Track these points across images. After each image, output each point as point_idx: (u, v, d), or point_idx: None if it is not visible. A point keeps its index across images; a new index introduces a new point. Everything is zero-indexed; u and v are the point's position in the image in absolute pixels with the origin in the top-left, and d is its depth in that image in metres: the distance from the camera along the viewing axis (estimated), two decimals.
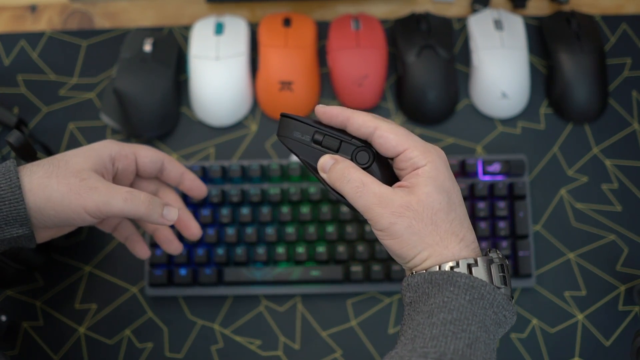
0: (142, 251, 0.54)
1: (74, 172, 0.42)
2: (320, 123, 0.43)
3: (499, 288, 0.39)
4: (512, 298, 0.41)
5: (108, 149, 0.46)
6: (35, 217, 0.43)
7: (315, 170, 0.43)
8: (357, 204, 0.41)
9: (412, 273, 0.41)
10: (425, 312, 0.38)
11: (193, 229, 0.53)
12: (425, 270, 0.40)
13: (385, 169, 0.43)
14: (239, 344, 0.62)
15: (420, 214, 0.40)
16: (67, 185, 0.42)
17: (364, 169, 0.42)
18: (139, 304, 0.63)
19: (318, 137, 0.43)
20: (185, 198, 0.62)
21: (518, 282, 0.62)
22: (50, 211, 0.42)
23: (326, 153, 0.43)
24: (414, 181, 0.40)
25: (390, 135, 0.41)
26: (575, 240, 0.64)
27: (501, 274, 0.40)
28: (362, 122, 0.41)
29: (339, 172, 0.41)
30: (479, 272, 0.39)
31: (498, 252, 0.42)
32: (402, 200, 0.40)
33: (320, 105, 0.43)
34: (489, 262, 0.40)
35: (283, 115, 0.44)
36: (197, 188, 0.53)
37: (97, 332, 0.62)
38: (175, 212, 0.47)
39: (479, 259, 0.40)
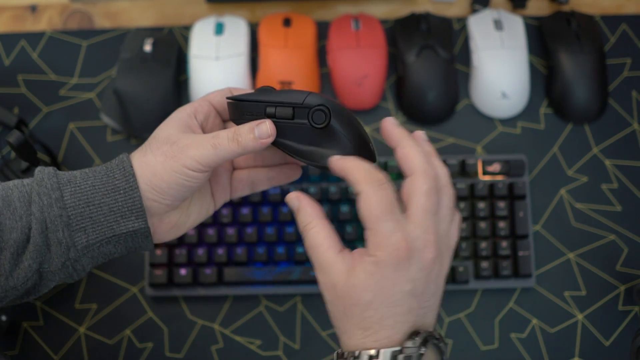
0: (294, 171, 0.48)
1: (163, 140, 0.43)
2: (263, 93, 0.43)
3: None
4: None
5: (184, 109, 0.45)
6: (151, 200, 0.42)
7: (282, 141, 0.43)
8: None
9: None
10: None
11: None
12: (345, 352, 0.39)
13: (348, 126, 0.42)
14: (239, 344, 0.62)
15: (336, 299, 0.39)
16: (162, 154, 0.42)
17: (322, 128, 0.41)
18: (139, 304, 0.63)
19: (270, 110, 0.42)
20: None
21: (518, 282, 0.62)
22: (162, 184, 0.42)
23: (284, 124, 0.42)
24: (358, 257, 0.39)
25: (366, 207, 0.38)
26: (575, 240, 0.64)
27: None
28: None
29: (299, 221, 0.42)
30: None
31: (434, 338, 0.39)
32: (332, 278, 0.39)
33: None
34: (396, 354, 0.37)
35: (229, 99, 0.44)
36: None
37: (97, 332, 0.62)
38: (266, 125, 0.42)
39: (381, 350, 0.37)
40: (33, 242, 0.40)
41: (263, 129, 0.42)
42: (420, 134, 0.43)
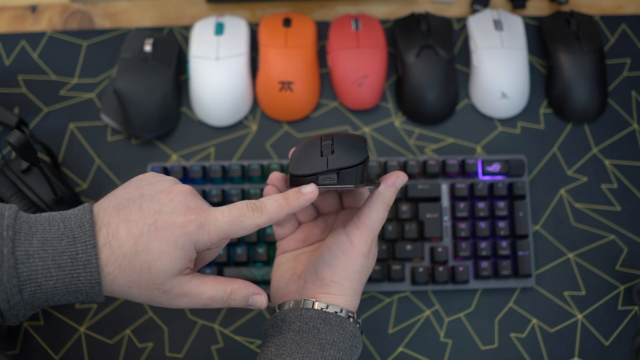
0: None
1: (156, 284, 0.40)
2: (304, 162, 0.44)
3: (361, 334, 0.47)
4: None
5: (195, 244, 0.41)
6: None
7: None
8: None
9: (301, 306, 0.46)
10: (316, 345, 0.44)
11: None
12: (320, 308, 0.45)
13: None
14: (239, 344, 0.62)
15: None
16: (149, 296, 0.41)
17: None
18: (139, 303, 0.63)
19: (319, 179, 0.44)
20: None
21: (518, 282, 0.62)
22: (137, 298, 0.42)
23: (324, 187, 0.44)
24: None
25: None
26: (574, 240, 0.64)
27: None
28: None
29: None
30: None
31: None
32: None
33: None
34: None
35: (292, 176, 0.45)
36: None
37: (97, 332, 0.62)
38: (263, 300, 0.44)
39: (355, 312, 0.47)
40: None
41: (258, 301, 0.45)
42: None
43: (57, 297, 0.40)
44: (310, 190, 0.43)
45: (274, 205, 0.42)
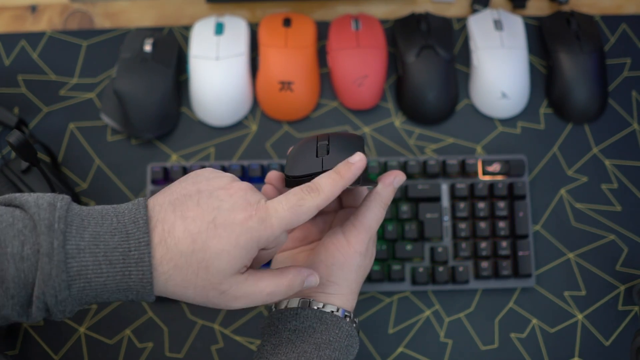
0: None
1: (214, 283, 0.39)
2: (298, 165, 0.44)
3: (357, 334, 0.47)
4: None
5: (258, 241, 0.40)
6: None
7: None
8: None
9: (298, 306, 0.45)
10: (312, 344, 0.44)
11: None
12: (316, 308, 0.45)
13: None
14: (239, 344, 0.62)
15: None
16: (205, 297, 0.40)
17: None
18: (139, 303, 0.63)
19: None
20: None
21: (518, 282, 0.62)
22: (189, 298, 0.41)
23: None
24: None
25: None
26: (575, 240, 0.64)
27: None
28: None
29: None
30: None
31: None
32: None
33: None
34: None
35: (288, 177, 0.45)
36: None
37: (97, 332, 0.62)
38: (316, 279, 0.44)
39: (350, 312, 0.47)
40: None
41: (313, 281, 0.44)
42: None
43: (107, 295, 0.38)
44: (358, 159, 0.42)
45: (329, 182, 0.42)
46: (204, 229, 0.38)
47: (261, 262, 0.44)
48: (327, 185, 0.41)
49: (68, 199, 0.39)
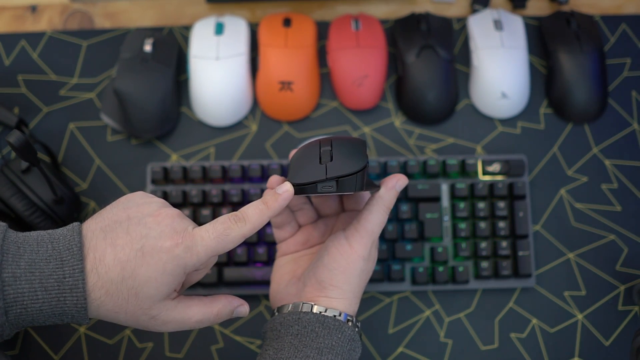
0: None
1: (143, 309, 0.41)
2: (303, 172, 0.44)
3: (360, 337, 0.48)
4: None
5: (185, 267, 0.41)
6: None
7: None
8: None
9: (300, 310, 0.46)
10: (314, 349, 0.44)
11: None
12: (319, 312, 0.46)
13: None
14: (239, 344, 0.62)
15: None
16: (136, 321, 0.41)
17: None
18: None
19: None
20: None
21: (518, 282, 0.62)
22: (122, 321, 0.42)
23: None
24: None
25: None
26: (575, 240, 0.64)
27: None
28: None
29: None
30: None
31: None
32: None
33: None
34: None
35: (295, 185, 0.44)
36: None
37: (97, 332, 0.62)
38: (246, 309, 0.45)
39: (354, 317, 0.47)
40: None
41: (242, 311, 0.46)
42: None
43: (43, 319, 0.40)
44: (285, 189, 0.43)
45: (256, 212, 0.42)
46: (132, 257, 0.40)
47: (192, 282, 0.45)
48: (254, 216, 0.42)
49: (4, 227, 0.40)
